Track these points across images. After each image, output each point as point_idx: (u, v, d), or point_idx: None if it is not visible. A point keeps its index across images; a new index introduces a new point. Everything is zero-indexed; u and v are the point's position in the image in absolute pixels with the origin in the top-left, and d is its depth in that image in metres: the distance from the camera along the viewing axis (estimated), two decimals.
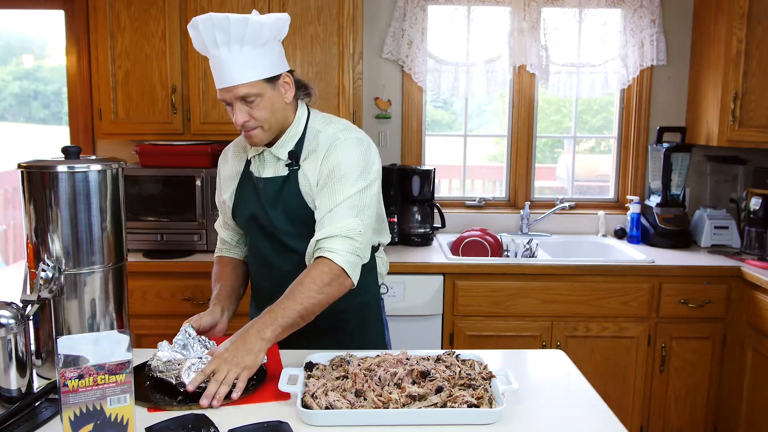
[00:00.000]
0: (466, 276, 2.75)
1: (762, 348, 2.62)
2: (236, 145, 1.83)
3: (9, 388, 1.34)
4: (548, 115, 3.58)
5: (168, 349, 1.48)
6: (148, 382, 1.45)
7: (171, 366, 1.42)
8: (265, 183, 1.67)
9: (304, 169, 1.64)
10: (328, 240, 1.53)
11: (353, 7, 2.87)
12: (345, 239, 1.53)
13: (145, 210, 2.87)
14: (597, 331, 2.79)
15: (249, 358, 1.41)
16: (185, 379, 1.38)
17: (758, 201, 2.99)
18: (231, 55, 1.53)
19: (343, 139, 1.62)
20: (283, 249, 1.68)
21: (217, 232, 1.91)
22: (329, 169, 1.59)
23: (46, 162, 1.47)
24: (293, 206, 1.64)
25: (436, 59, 3.25)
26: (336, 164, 1.59)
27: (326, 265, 1.51)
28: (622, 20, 3.27)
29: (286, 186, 1.64)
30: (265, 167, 1.69)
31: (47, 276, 1.44)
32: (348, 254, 1.52)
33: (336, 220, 1.54)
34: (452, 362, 1.48)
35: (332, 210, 1.55)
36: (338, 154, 1.60)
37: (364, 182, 1.60)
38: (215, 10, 2.82)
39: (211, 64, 1.60)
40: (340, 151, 1.60)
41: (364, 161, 1.62)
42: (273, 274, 1.71)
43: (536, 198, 3.48)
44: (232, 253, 1.89)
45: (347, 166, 1.59)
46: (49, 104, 5.95)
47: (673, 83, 3.34)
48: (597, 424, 1.34)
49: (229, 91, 1.55)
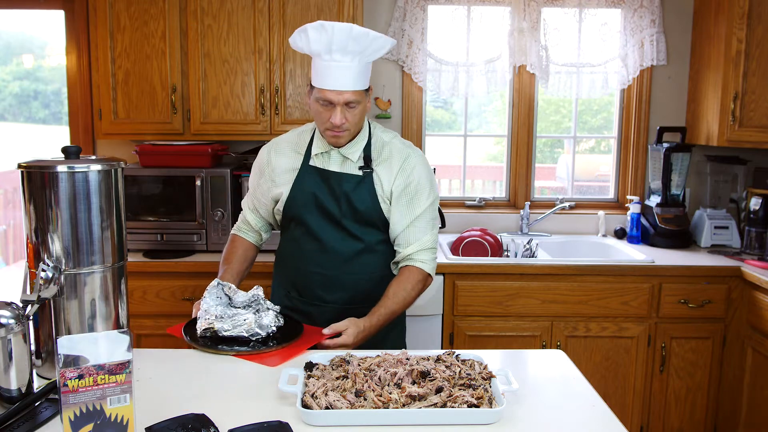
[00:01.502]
0: (466, 276, 2.75)
1: (762, 348, 2.62)
2: (289, 142, 1.96)
3: (9, 388, 1.34)
4: (548, 115, 3.58)
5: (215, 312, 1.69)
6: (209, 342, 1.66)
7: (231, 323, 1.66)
8: (337, 177, 1.86)
9: (378, 173, 1.87)
10: (417, 253, 1.89)
11: (353, 7, 2.87)
12: (428, 251, 1.90)
13: (145, 210, 2.87)
14: (597, 331, 2.79)
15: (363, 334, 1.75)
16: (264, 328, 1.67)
17: (758, 201, 2.99)
18: (351, 64, 1.73)
19: (413, 156, 1.89)
20: (348, 236, 1.88)
21: (243, 212, 2.05)
22: (405, 184, 1.87)
23: (46, 162, 1.47)
24: (365, 202, 1.86)
25: (436, 59, 3.25)
26: (412, 180, 1.87)
27: (418, 273, 1.88)
28: (622, 20, 3.27)
29: (361, 184, 1.86)
30: (331, 163, 1.88)
31: (47, 276, 1.44)
32: (431, 262, 1.91)
33: (419, 235, 1.88)
34: (452, 362, 1.48)
35: (413, 223, 1.88)
36: (413, 170, 1.87)
37: (433, 196, 1.92)
38: (215, 10, 2.85)
39: (320, 65, 1.74)
40: (415, 167, 1.88)
41: (431, 177, 1.93)
42: (333, 260, 1.89)
43: (536, 198, 3.48)
44: (249, 237, 2.05)
45: (421, 182, 1.88)
46: (49, 104, 5.95)
47: (673, 83, 3.34)
48: (597, 424, 1.34)
49: (340, 95, 1.73)
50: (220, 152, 3.00)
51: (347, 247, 1.88)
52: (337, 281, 1.90)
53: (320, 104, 1.77)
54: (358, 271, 1.90)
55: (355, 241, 1.89)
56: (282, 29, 2.88)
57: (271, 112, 2.93)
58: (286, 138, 1.98)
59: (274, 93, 2.91)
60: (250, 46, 2.88)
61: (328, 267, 1.89)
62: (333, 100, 1.74)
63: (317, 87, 1.75)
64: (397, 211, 1.88)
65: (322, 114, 1.78)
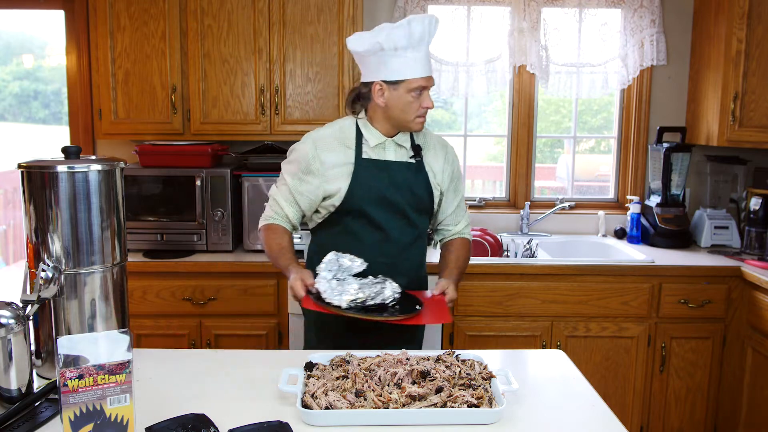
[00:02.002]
0: (466, 276, 2.73)
1: (762, 348, 2.62)
2: (334, 138, 1.97)
3: (9, 388, 1.34)
4: (548, 115, 3.58)
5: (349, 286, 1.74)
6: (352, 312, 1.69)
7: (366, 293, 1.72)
8: (397, 166, 1.96)
9: (428, 161, 2.01)
10: (465, 228, 2.13)
11: (353, 6, 2.87)
12: (469, 225, 2.18)
13: (145, 210, 2.87)
14: (597, 331, 2.79)
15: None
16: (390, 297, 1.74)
17: (758, 201, 2.99)
18: (427, 51, 1.89)
19: (449, 144, 2.11)
20: (407, 224, 1.99)
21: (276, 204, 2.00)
22: (451, 171, 2.07)
23: (46, 162, 1.47)
24: (420, 189, 1.98)
25: (436, 59, 3.25)
26: (455, 167, 2.09)
27: (469, 242, 2.14)
28: (622, 20, 3.27)
29: (418, 172, 1.98)
30: (386, 154, 1.96)
31: (47, 276, 1.44)
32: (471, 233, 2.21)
33: (463, 213, 2.14)
34: (452, 362, 1.48)
35: (459, 205, 2.11)
36: (455, 159, 2.10)
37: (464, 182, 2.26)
38: (215, 10, 2.85)
39: (409, 57, 1.85)
40: (455, 155, 2.11)
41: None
42: (394, 248, 1.97)
43: (536, 198, 3.48)
44: (287, 227, 2.03)
45: (459, 168, 2.12)
46: (49, 104, 5.95)
47: (673, 83, 3.34)
48: (597, 424, 1.34)
49: (429, 81, 1.89)
50: (220, 152, 3.00)
51: (407, 235, 1.99)
52: (396, 269, 1.95)
53: (412, 94, 1.87)
54: (413, 257, 2.03)
55: (412, 228, 2.00)
56: (282, 29, 2.88)
57: (271, 112, 2.93)
58: (328, 133, 1.97)
59: (274, 93, 2.91)
60: (250, 46, 2.88)
61: (390, 255, 1.96)
62: (426, 86, 1.88)
63: (410, 78, 1.85)
64: (448, 196, 2.07)
65: (412, 103, 1.88)
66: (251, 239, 2.88)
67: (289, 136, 2.97)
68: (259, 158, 2.96)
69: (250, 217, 2.86)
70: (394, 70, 1.85)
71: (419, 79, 1.86)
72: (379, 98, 1.89)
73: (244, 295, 2.74)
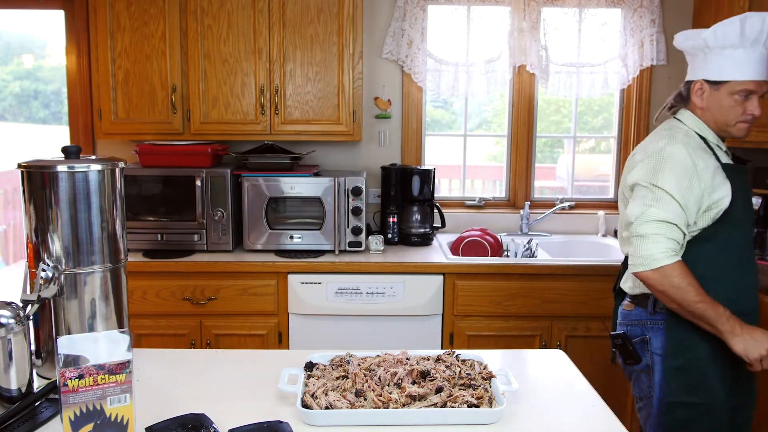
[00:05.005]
0: (466, 276, 2.75)
1: None
2: (691, 140, 1.83)
3: (9, 388, 1.34)
4: (548, 115, 3.58)
5: None
6: None
7: None
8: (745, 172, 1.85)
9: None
10: None
11: (353, 6, 2.87)
12: None
13: (145, 210, 2.87)
14: (597, 331, 2.78)
15: None
16: None
17: (758, 201, 2.99)
18: (763, 53, 1.75)
19: None
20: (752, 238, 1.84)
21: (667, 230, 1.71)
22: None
23: (46, 162, 1.47)
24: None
25: (436, 59, 3.25)
26: None
27: None
28: (622, 20, 3.27)
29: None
30: (724, 158, 1.84)
31: (47, 276, 1.44)
32: None
33: None
34: (452, 362, 1.48)
35: None
36: None
37: None
38: (215, 10, 2.85)
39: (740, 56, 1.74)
40: None
41: None
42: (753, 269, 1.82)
43: (536, 198, 3.48)
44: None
45: None
46: (49, 104, 5.96)
47: (673, 83, 3.34)
48: (597, 424, 1.34)
49: (761, 86, 1.76)
50: (220, 152, 3.00)
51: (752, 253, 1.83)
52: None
53: (735, 97, 1.77)
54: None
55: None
56: (282, 29, 2.88)
57: (271, 112, 2.93)
58: (680, 136, 1.83)
59: (274, 93, 2.91)
60: (250, 46, 2.88)
61: (754, 271, 1.80)
62: (756, 91, 1.76)
63: (738, 80, 1.75)
64: None
65: (736, 107, 1.78)
66: (251, 239, 2.88)
67: (289, 136, 2.98)
68: (259, 158, 2.96)
69: (250, 217, 2.86)
70: (718, 69, 1.76)
71: (746, 82, 1.75)
72: (697, 98, 1.81)
73: (244, 294, 2.74)
